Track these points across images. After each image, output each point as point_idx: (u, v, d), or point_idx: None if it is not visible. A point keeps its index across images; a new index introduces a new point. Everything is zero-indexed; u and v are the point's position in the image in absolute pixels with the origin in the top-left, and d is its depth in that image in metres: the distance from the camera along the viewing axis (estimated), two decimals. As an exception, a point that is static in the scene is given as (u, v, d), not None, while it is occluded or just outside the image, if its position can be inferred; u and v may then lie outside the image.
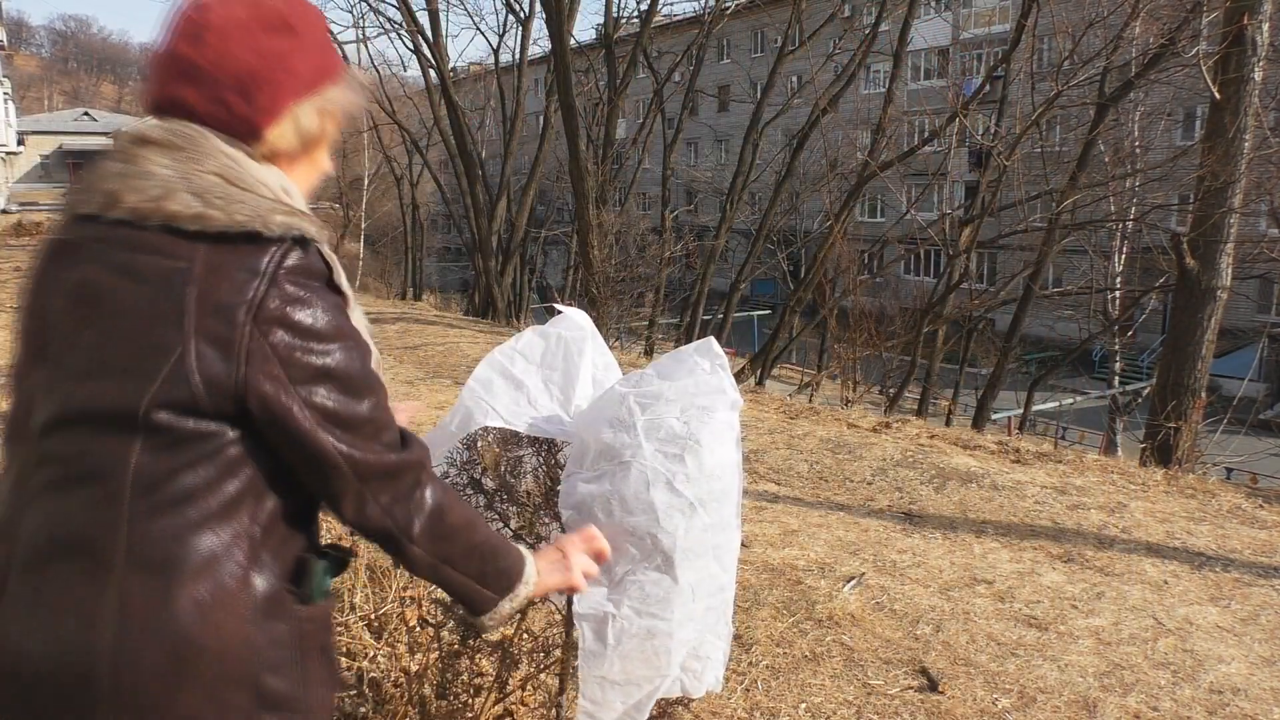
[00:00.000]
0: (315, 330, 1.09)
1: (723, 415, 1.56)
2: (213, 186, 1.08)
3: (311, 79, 1.16)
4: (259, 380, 1.06)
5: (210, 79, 1.11)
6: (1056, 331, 23.60)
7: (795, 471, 5.15)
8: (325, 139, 1.22)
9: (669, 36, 28.83)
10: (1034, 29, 12.82)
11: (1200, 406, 8.53)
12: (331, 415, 1.10)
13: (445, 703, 2.17)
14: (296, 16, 1.15)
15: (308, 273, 1.10)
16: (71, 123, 65.79)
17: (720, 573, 1.56)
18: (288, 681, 1.11)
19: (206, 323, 1.04)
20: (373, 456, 1.13)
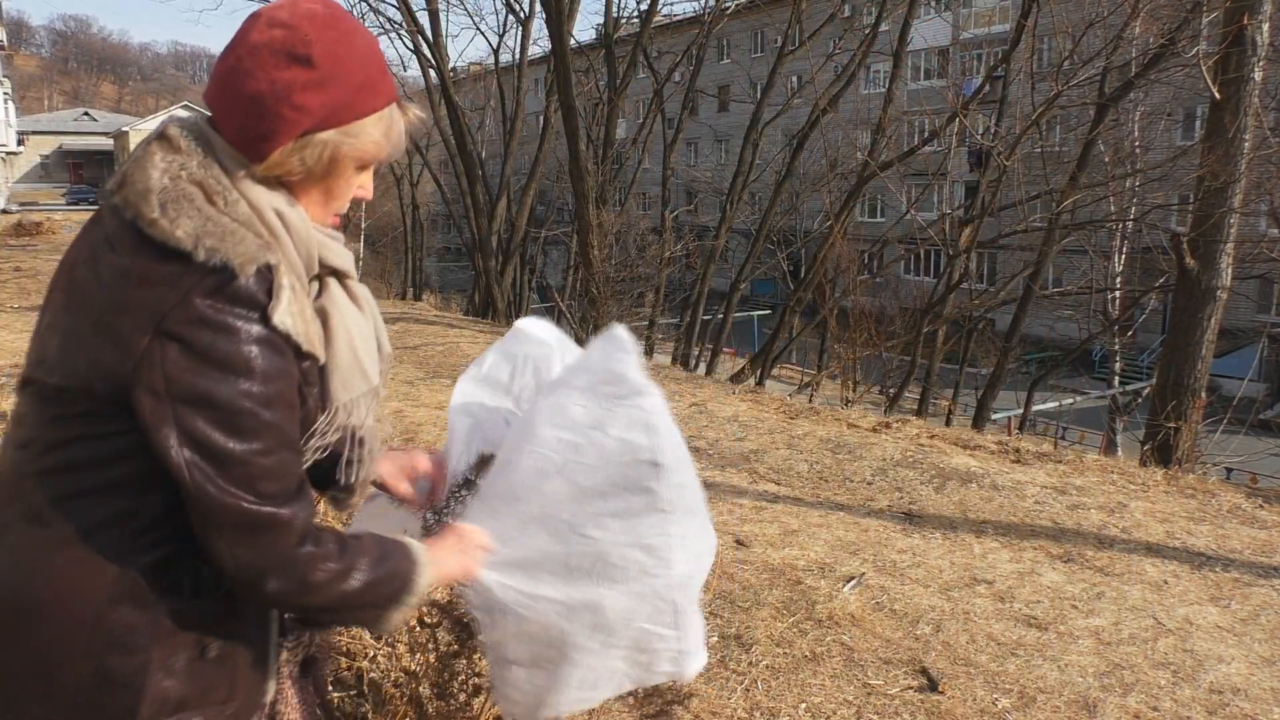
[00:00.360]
0: (211, 355, 1.08)
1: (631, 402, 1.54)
2: (181, 196, 1.12)
3: (323, 115, 1.16)
4: (141, 389, 1.08)
5: (229, 94, 1.16)
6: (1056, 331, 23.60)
7: (795, 471, 5.15)
8: (341, 171, 1.22)
9: (669, 36, 28.82)
10: (1034, 29, 12.82)
11: (1200, 406, 8.53)
12: (200, 444, 1.09)
13: (444, 703, 2.17)
14: (323, 51, 1.15)
15: (228, 299, 1.09)
16: (71, 123, 65.81)
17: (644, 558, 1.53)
18: (133, 665, 1.13)
19: (118, 321, 1.09)
20: (230, 500, 1.10)
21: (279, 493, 1.14)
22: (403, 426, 5.46)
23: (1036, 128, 12.33)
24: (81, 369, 1.11)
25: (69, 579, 1.12)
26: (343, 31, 1.18)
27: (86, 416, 1.13)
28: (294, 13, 1.16)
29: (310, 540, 1.18)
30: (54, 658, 1.12)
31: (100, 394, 1.11)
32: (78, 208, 44.51)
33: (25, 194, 51.70)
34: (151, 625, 1.14)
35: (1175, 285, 9.10)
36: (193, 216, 1.11)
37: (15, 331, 8.32)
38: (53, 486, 1.14)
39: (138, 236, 1.11)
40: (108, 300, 1.11)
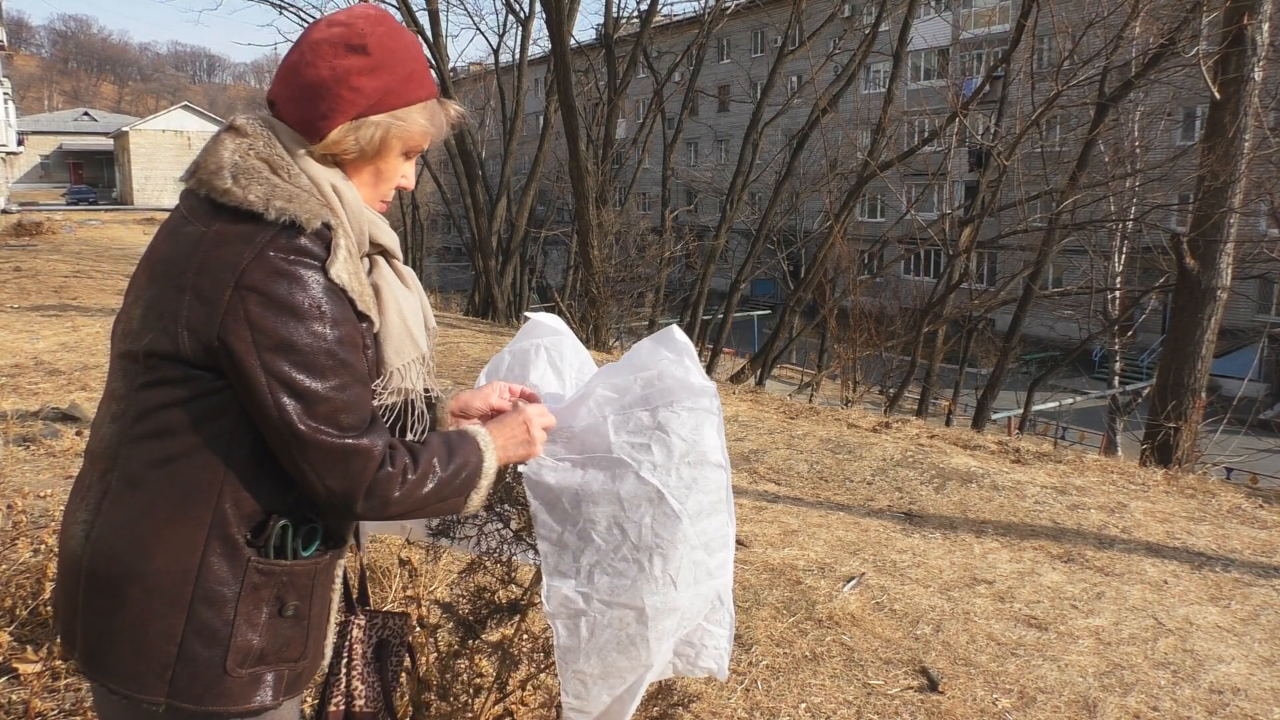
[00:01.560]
0: (289, 304, 1.19)
1: (691, 403, 1.56)
2: (251, 169, 1.25)
3: (377, 98, 1.31)
4: (230, 339, 1.19)
5: (293, 83, 1.31)
6: (1056, 331, 23.61)
7: (795, 471, 5.15)
8: (390, 153, 1.37)
9: (669, 36, 28.83)
10: (1034, 29, 12.82)
11: (1200, 406, 8.53)
12: (288, 384, 1.20)
13: (445, 703, 2.17)
14: (376, 43, 1.31)
15: (298, 251, 1.21)
16: (71, 123, 65.77)
17: (706, 558, 1.54)
18: (219, 618, 1.23)
19: (200, 281, 1.20)
20: (319, 435, 1.21)
21: (358, 424, 1.25)
22: (403, 426, 5.45)
23: (1036, 128, 12.33)
24: (170, 329, 1.21)
25: (163, 539, 1.22)
26: (392, 28, 1.35)
27: (173, 382, 1.22)
28: (351, 14, 1.33)
29: (387, 461, 1.28)
30: (147, 613, 1.22)
31: (187, 353, 1.20)
32: (78, 208, 44.50)
33: (25, 194, 51.69)
34: (237, 581, 1.24)
35: (1175, 285, 9.09)
36: (262, 184, 1.24)
37: (15, 331, 8.32)
38: (146, 452, 1.24)
39: (212, 206, 1.24)
40: (189, 263, 1.22)
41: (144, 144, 53.43)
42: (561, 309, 14.78)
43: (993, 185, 13.49)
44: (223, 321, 1.18)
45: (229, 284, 1.18)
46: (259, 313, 1.18)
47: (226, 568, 1.24)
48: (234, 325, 1.18)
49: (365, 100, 1.30)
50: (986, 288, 19.89)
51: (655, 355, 1.61)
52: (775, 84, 16.53)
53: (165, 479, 1.23)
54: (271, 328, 1.18)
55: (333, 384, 1.22)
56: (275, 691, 1.29)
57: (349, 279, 1.26)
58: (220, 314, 1.18)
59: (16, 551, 2.95)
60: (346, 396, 1.24)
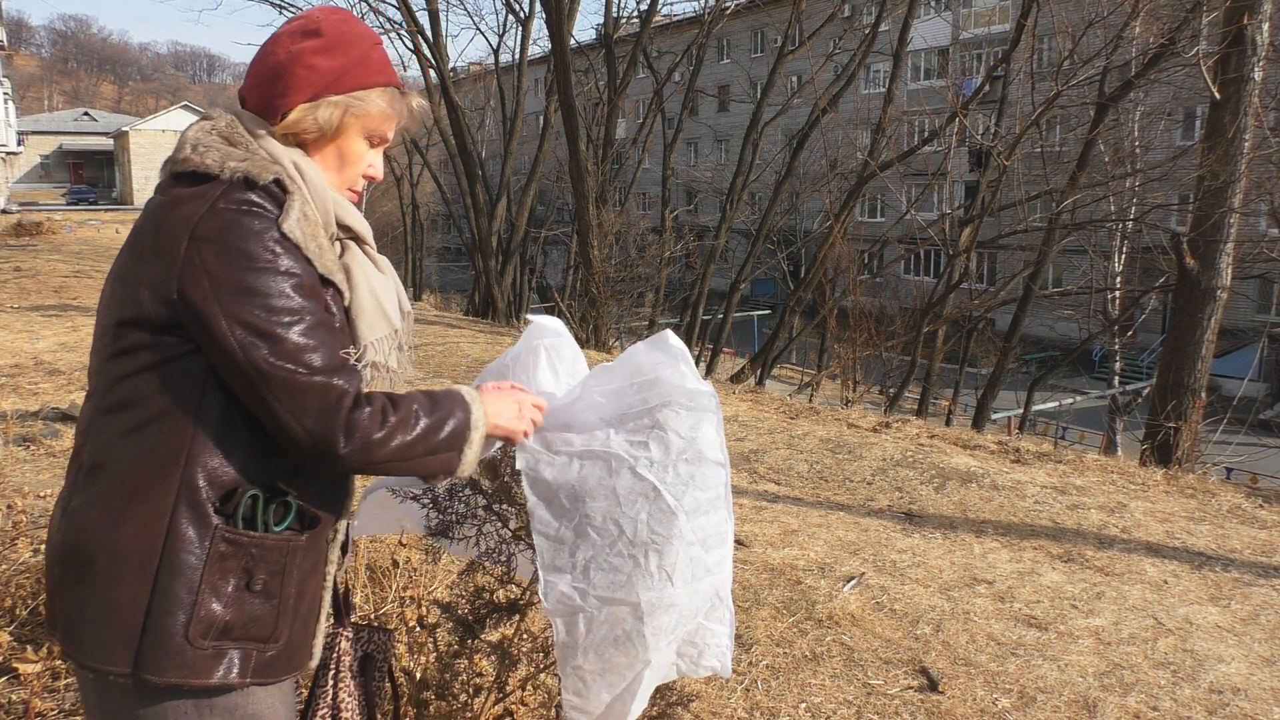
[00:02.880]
0: (242, 249, 1.22)
1: (689, 402, 1.56)
2: (209, 141, 1.31)
3: (333, 78, 1.36)
4: (188, 289, 1.21)
5: (256, 71, 1.38)
6: (1056, 331, 23.59)
7: (795, 471, 5.15)
8: (350, 134, 1.40)
9: (669, 36, 28.83)
10: (1034, 29, 12.82)
11: (1200, 406, 8.53)
12: (250, 325, 1.21)
13: (445, 703, 2.17)
14: (330, 27, 1.37)
15: (249, 203, 1.25)
16: (71, 123, 65.75)
17: (703, 555, 1.54)
18: (184, 585, 1.24)
19: (158, 241, 1.24)
20: (284, 373, 1.22)
21: (325, 365, 1.26)
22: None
23: (1036, 128, 12.32)
24: (133, 294, 1.25)
25: (131, 508, 1.24)
26: (347, 18, 1.42)
27: (139, 348, 1.25)
28: (311, 10, 1.43)
29: (364, 403, 1.28)
30: (115, 581, 1.24)
31: (150, 314, 1.23)
32: (78, 208, 44.49)
33: (25, 194, 51.67)
34: (204, 549, 1.25)
35: (1175, 285, 9.09)
36: (219, 150, 1.29)
37: (15, 331, 8.32)
38: (116, 423, 1.26)
39: (174, 177, 1.31)
40: (148, 226, 1.27)
41: (144, 144, 53.41)
42: (561, 309, 14.78)
43: (993, 185, 13.49)
44: (180, 274, 1.21)
45: (184, 238, 1.22)
46: (215, 261, 1.21)
47: (193, 534, 1.24)
48: (191, 276, 1.21)
49: (321, 78, 1.34)
50: (986, 288, 19.89)
51: (650, 359, 1.61)
52: (775, 84, 16.53)
53: (134, 447, 1.25)
54: (228, 273, 1.21)
55: (296, 325, 1.23)
56: (242, 671, 1.28)
57: (302, 236, 1.27)
58: (177, 268, 1.21)
59: (16, 551, 2.95)
60: (312, 339, 1.25)
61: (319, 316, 1.27)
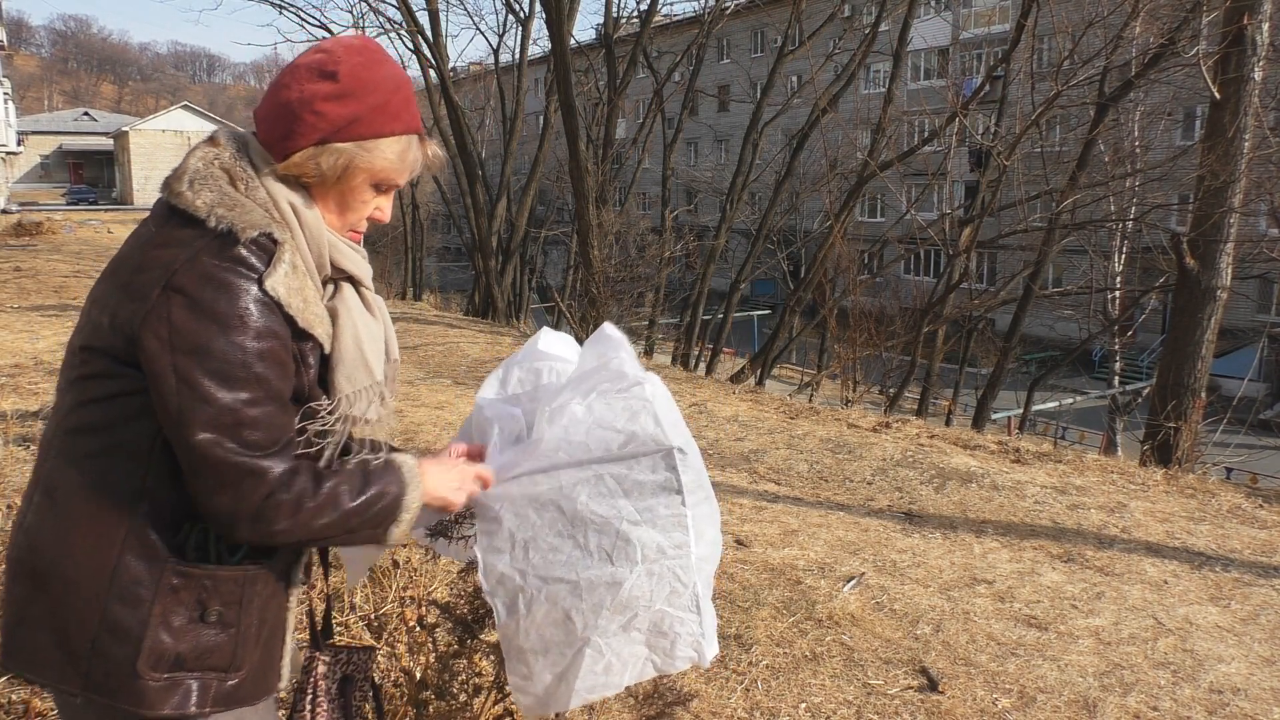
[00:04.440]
0: (212, 309, 1.19)
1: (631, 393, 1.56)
2: (209, 177, 1.27)
3: (342, 125, 1.30)
4: (147, 335, 1.19)
5: (268, 103, 1.33)
6: (1056, 331, 23.60)
7: (795, 471, 5.15)
8: (354, 182, 1.35)
9: (669, 36, 28.83)
10: (1034, 29, 12.81)
11: (1200, 406, 8.52)
12: (195, 388, 1.18)
13: (444, 703, 2.17)
14: (348, 70, 1.31)
15: (231, 259, 1.21)
16: (71, 123, 65.75)
17: (656, 536, 1.53)
18: (133, 617, 1.22)
19: (136, 279, 1.22)
20: (216, 448, 1.19)
21: (261, 443, 1.22)
22: (402, 426, 5.45)
23: (1036, 128, 12.32)
24: (104, 325, 1.23)
25: (82, 534, 1.23)
26: (371, 59, 1.34)
27: (103, 376, 1.23)
28: (335, 44, 1.36)
29: (283, 488, 1.23)
30: (64, 605, 1.23)
31: (116, 346, 1.21)
32: (78, 208, 44.48)
33: (25, 194, 51.67)
34: (155, 581, 1.23)
35: (1175, 285, 9.09)
36: (213, 191, 1.25)
37: (15, 331, 8.32)
38: (74, 446, 1.25)
39: (167, 209, 1.27)
40: (131, 261, 1.25)
41: (144, 144, 53.44)
42: (561, 309, 14.78)
43: (993, 185, 13.49)
44: (145, 318, 1.19)
45: (159, 283, 1.19)
46: (181, 314, 1.18)
47: (143, 568, 1.23)
48: (155, 323, 1.18)
49: (329, 125, 1.30)
50: (986, 288, 19.88)
51: (590, 354, 1.63)
52: (775, 84, 16.52)
53: (91, 474, 1.24)
54: (190, 330, 1.18)
55: (243, 396, 1.20)
56: (200, 701, 1.26)
57: (285, 293, 1.23)
58: (145, 311, 1.19)
59: (16, 551, 2.94)
60: (256, 412, 1.21)
61: (272, 389, 1.23)
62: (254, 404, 1.21)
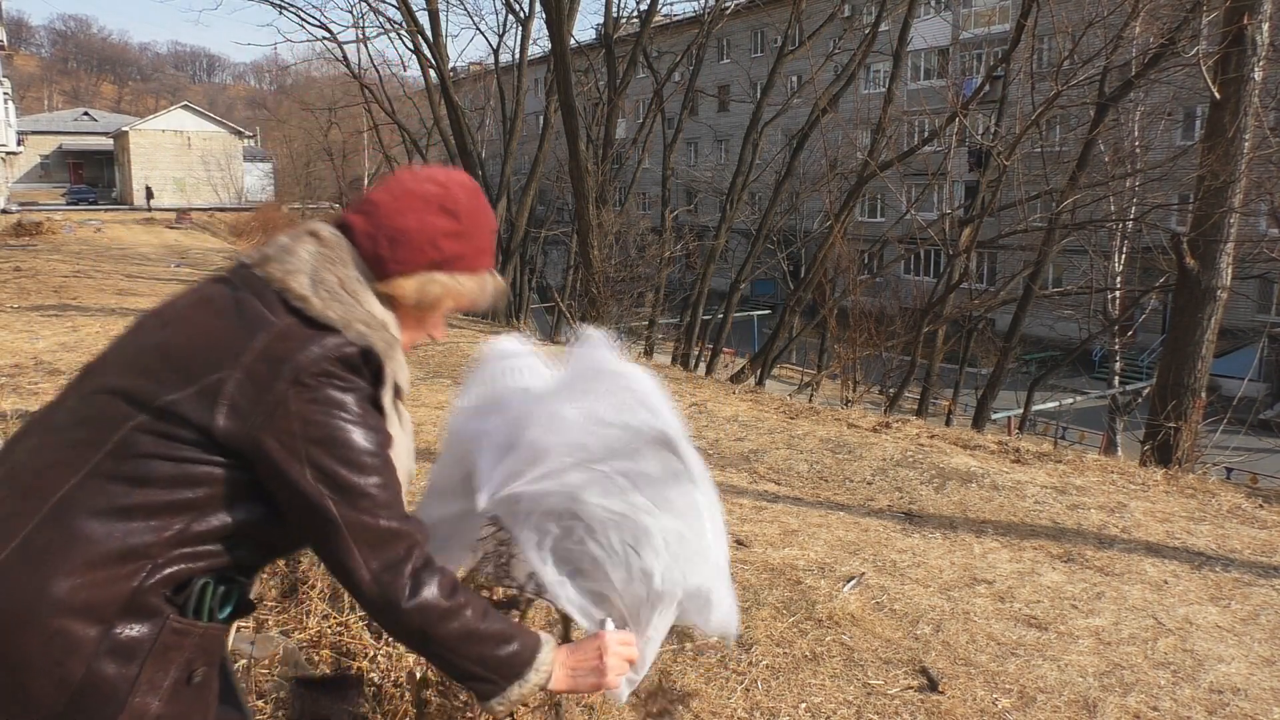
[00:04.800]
0: (339, 404, 1.24)
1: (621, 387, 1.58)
2: (328, 283, 1.30)
3: (451, 259, 1.38)
4: (271, 428, 1.21)
5: (379, 222, 1.36)
6: (1056, 331, 23.60)
7: (795, 471, 5.15)
8: (440, 309, 1.43)
9: (669, 36, 28.83)
10: (1034, 29, 12.82)
11: (1200, 406, 8.53)
12: (330, 476, 1.23)
13: (445, 701, 2.17)
14: (466, 210, 1.40)
15: (355, 370, 1.28)
16: (71, 123, 65.74)
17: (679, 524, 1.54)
18: (122, 674, 1.17)
19: (257, 365, 1.22)
20: (364, 517, 1.24)
21: (398, 516, 1.29)
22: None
23: (1036, 128, 12.33)
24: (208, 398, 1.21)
25: (85, 584, 1.15)
26: (481, 202, 1.44)
27: (176, 440, 1.21)
28: (449, 178, 1.42)
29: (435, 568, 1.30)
30: (43, 657, 1.14)
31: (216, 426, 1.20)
32: (78, 208, 44.48)
33: (25, 194, 51.67)
34: (151, 639, 1.19)
35: (1175, 285, 9.09)
36: (342, 303, 1.29)
37: (15, 331, 8.32)
38: (110, 493, 1.19)
39: (284, 303, 1.27)
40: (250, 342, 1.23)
41: (144, 144, 53.46)
42: (561, 309, 14.78)
43: (993, 185, 13.50)
44: (272, 411, 1.21)
45: (288, 376, 1.22)
46: (308, 408, 1.22)
47: (143, 624, 1.18)
48: (282, 417, 1.21)
49: (440, 258, 1.37)
50: (986, 288, 19.89)
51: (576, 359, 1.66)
52: (775, 84, 16.53)
53: (115, 524, 1.17)
54: (319, 423, 1.22)
55: (373, 481, 1.26)
56: None
57: (389, 410, 1.33)
58: (270, 402, 1.21)
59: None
60: (387, 495, 1.27)
61: (394, 472, 1.30)
62: (384, 487, 1.27)
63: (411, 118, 24.33)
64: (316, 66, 37.03)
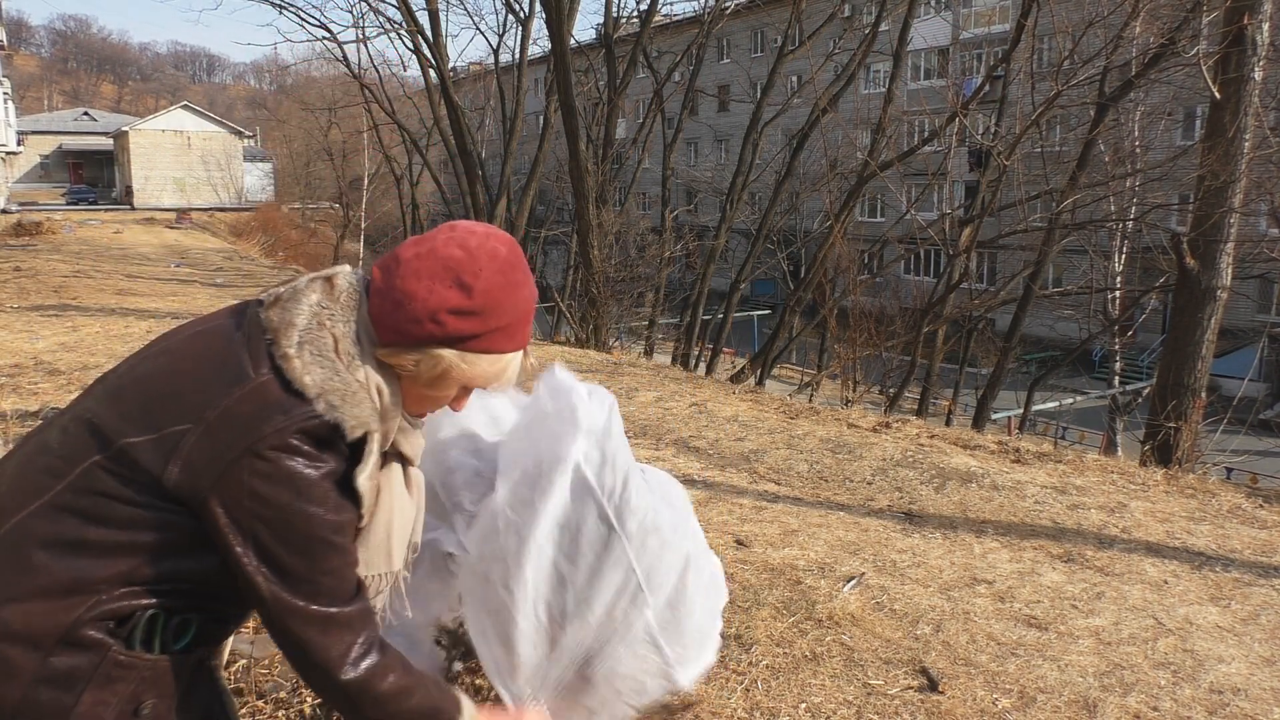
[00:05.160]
0: (294, 482, 1.16)
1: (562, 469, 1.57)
2: (319, 343, 1.21)
3: (456, 338, 1.25)
4: (219, 494, 1.15)
5: (394, 280, 1.24)
6: (1056, 331, 23.60)
7: (795, 471, 5.15)
8: (443, 386, 1.30)
9: (669, 36, 28.84)
10: (1034, 29, 12.82)
11: (1200, 406, 8.53)
12: (271, 558, 1.17)
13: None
14: (484, 286, 1.24)
15: (323, 445, 1.19)
16: (71, 123, 65.75)
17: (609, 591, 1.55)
18: (57, 704, 1.14)
19: (220, 423, 1.16)
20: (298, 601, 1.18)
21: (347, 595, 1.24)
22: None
23: (1036, 128, 12.33)
24: (164, 448, 1.16)
25: (25, 611, 1.13)
26: (511, 281, 1.28)
27: (131, 482, 1.16)
28: (482, 243, 1.27)
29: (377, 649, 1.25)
30: None
31: (168, 478, 1.15)
32: (78, 208, 44.48)
33: (25, 194, 51.68)
34: (91, 669, 1.16)
35: (1175, 285, 9.09)
36: (323, 368, 1.20)
37: (15, 331, 8.32)
38: (62, 525, 1.16)
39: (270, 360, 1.20)
40: (220, 396, 1.17)
41: (144, 144, 53.45)
42: (561, 309, 14.78)
43: (993, 185, 13.50)
44: (221, 475, 1.15)
45: (246, 444, 1.15)
46: (260, 483, 1.15)
47: (83, 654, 1.15)
48: (233, 486, 1.15)
49: (443, 335, 1.24)
50: (986, 288, 19.90)
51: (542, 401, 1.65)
52: (775, 84, 16.53)
53: (65, 558, 1.14)
54: (269, 498, 1.15)
55: (318, 566, 1.19)
56: None
57: (366, 486, 1.24)
58: (223, 467, 1.15)
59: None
60: (331, 580, 1.21)
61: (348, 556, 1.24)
62: (330, 573, 1.21)
63: (411, 118, 24.34)
64: (316, 66, 37.09)
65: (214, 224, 37.84)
